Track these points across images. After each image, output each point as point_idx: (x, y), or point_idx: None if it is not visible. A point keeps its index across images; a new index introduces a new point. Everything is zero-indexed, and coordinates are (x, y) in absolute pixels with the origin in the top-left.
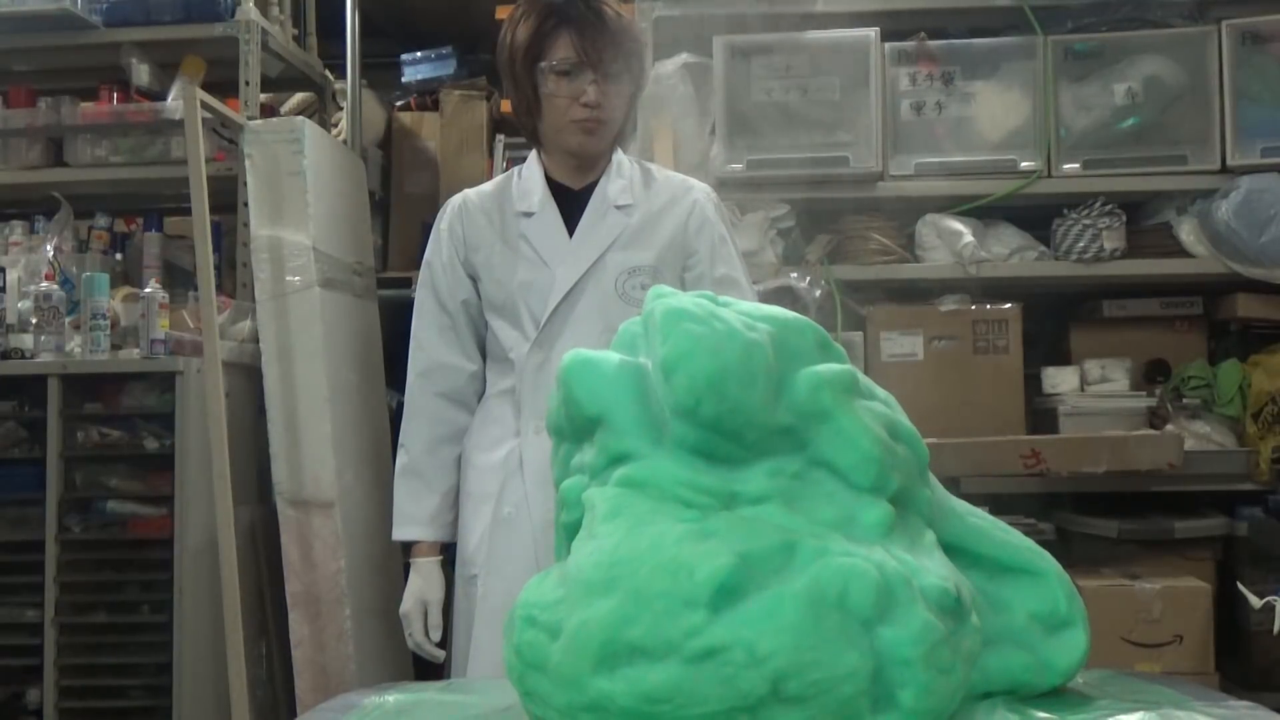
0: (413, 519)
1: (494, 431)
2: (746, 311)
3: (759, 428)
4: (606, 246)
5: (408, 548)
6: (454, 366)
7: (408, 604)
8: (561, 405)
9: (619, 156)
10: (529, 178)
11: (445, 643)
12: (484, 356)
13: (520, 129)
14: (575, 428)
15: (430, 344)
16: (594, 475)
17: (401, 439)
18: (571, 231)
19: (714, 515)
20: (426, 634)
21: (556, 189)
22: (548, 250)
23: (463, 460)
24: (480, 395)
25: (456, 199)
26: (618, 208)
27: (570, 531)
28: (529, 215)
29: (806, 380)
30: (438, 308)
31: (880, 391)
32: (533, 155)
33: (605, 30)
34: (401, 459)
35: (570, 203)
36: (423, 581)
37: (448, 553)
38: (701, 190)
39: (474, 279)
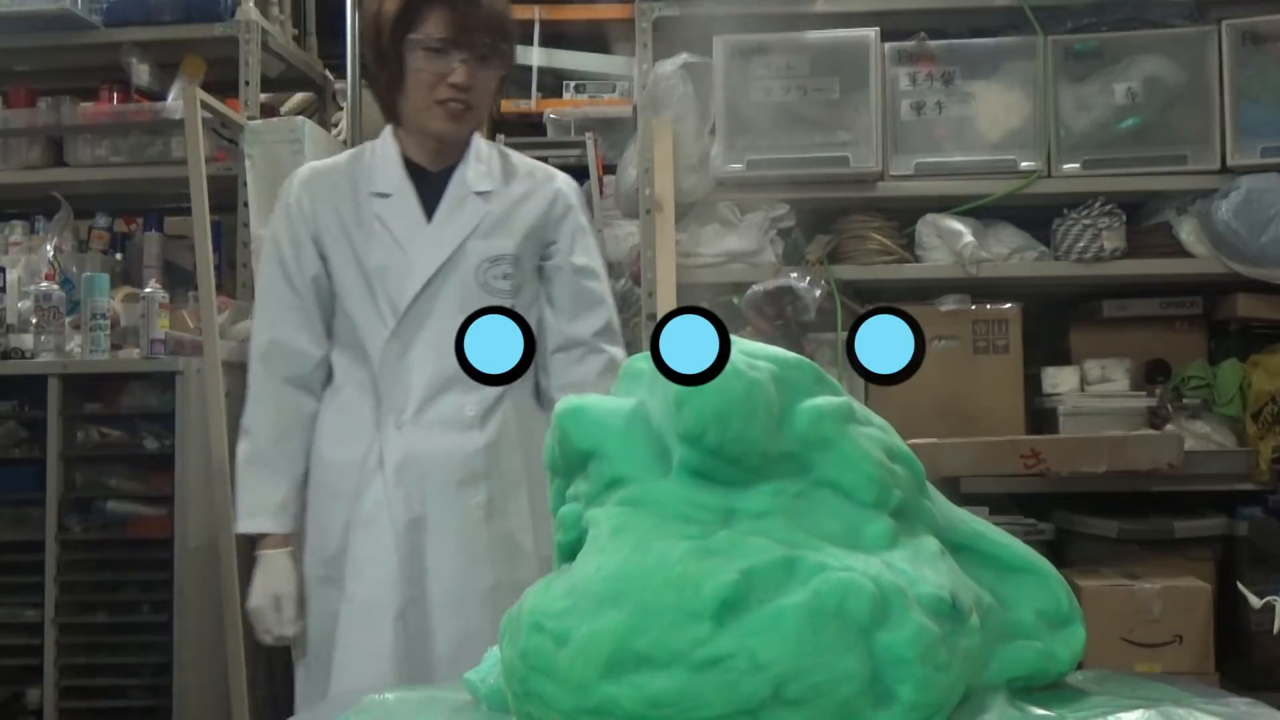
0: (261, 509)
1: (349, 425)
2: (749, 350)
3: (760, 454)
4: (467, 234)
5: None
6: (300, 351)
7: (259, 599)
8: (556, 444)
9: (478, 142)
10: (384, 156)
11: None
12: (330, 341)
13: (378, 103)
14: (568, 463)
15: (276, 325)
16: (589, 501)
17: (244, 424)
18: (429, 216)
19: (716, 533)
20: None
21: (412, 170)
22: (405, 235)
23: (313, 453)
24: (326, 381)
25: (303, 171)
26: (477, 194)
27: (564, 550)
28: (384, 196)
29: (807, 413)
30: (285, 285)
31: (876, 418)
32: (387, 131)
33: (479, 9)
34: (246, 447)
35: (426, 186)
36: (274, 575)
37: (298, 544)
38: (564, 180)
39: (324, 258)
